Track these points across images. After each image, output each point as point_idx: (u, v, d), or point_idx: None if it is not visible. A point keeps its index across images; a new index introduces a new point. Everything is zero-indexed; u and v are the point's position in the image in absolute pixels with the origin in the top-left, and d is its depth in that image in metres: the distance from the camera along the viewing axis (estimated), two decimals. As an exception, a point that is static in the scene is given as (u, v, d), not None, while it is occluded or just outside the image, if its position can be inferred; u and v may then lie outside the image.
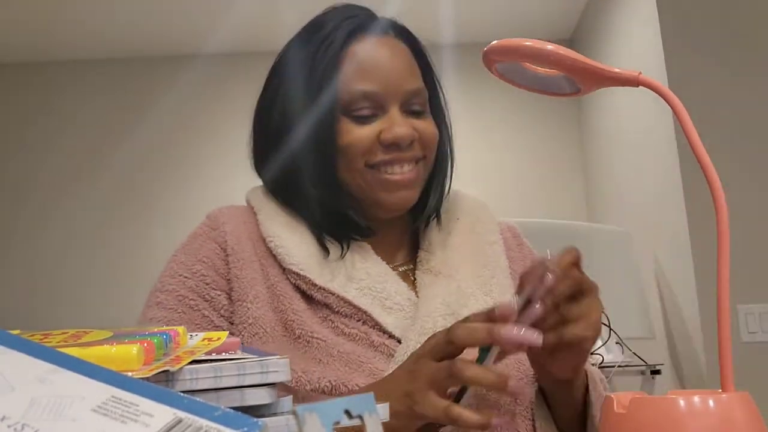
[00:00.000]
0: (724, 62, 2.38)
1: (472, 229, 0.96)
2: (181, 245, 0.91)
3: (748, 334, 2.23)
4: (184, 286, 0.86)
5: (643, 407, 0.57)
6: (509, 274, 0.94)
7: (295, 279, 0.84)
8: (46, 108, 3.86)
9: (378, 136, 0.86)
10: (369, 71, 0.87)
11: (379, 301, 0.84)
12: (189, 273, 0.86)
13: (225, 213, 0.92)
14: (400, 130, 0.86)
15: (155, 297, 0.87)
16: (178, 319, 0.84)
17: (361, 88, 0.86)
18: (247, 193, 0.97)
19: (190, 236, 0.91)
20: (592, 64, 0.69)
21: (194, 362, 0.40)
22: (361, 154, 0.86)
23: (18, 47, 3.75)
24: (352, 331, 0.83)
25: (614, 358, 2.65)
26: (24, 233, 3.71)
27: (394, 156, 0.87)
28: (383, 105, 0.87)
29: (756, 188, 2.29)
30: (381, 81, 0.87)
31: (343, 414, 0.35)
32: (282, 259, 0.85)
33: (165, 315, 0.84)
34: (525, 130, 3.73)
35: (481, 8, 3.48)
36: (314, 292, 0.84)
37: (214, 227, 0.90)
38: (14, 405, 0.32)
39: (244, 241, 0.88)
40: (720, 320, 0.59)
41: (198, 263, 0.87)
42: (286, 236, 0.87)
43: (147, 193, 3.76)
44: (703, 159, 0.62)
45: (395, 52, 0.90)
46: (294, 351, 0.81)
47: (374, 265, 0.87)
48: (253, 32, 3.63)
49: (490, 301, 0.89)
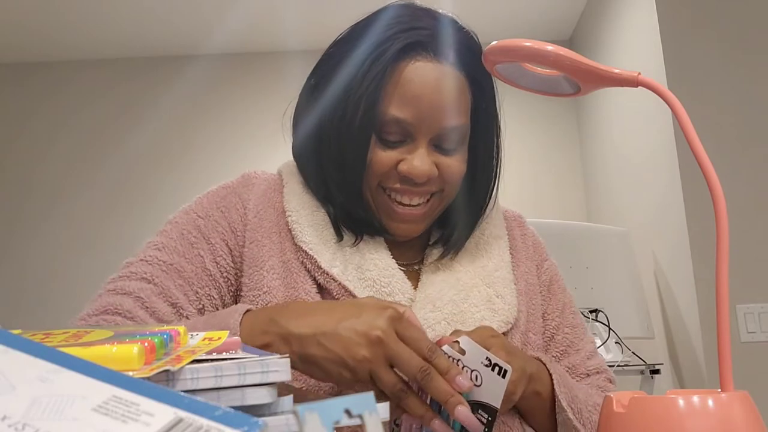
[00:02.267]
0: (723, 62, 2.38)
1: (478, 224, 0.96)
2: (207, 190, 0.92)
3: (748, 333, 2.23)
4: (192, 224, 0.87)
5: (643, 407, 0.57)
6: (512, 269, 0.94)
7: (304, 258, 0.84)
8: (44, 108, 3.86)
9: (396, 164, 0.84)
10: (408, 99, 0.82)
11: (380, 296, 0.84)
12: (203, 214, 0.88)
13: (259, 176, 0.93)
14: (419, 168, 0.83)
15: (163, 226, 0.88)
16: (171, 248, 0.85)
17: (395, 115, 0.82)
18: (281, 165, 0.97)
19: (219, 186, 0.92)
20: (592, 65, 0.69)
21: (195, 362, 0.40)
22: (378, 175, 0.85)
23: (17, 47, 3.75)
24: None
25: (613, 357, 2.65)
26: (24, 233, 3.71)
27: (405, 188, 0.85)
28: (413, 135, 0.84)
29: (755, 188, 2.29)
30: (418, 113, 0.82)
31: (344, 413, 0.35)
32: (295, 235, 0.85)
33: (162, 241, 0.86)
34: (525, 131, 3.73)
35: (481, 8, 3.48)
36: (318, 275, 0.84)
37: (245, 185, 0.91)
38: (15, 404, 0.32)
39: (269, 210, 0.88)
40: (719, 320, 0.59)
41: (216, 210, 0.88)
42: (305, 213, 0.88)
43: (147, 193, 3.76)
44: (702, 159, 0.62)
45: (444, 83, 0.84)
46: None
47: (383, 259, 0.87)
48: (253, 32, 3.63)
49: (492, 292, 0.89)
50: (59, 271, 3.65)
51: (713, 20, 2.43)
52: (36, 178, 3.78)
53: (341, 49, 0.89)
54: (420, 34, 0.84)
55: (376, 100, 0.82)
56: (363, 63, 0.83)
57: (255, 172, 0.95)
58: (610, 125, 3.25)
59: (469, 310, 0.86)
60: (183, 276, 0.83)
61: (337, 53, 0.90)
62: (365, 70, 0.83)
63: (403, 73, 0.83)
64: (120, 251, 4.03)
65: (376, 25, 0.87)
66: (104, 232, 3.69)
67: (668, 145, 2.41)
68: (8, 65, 3.88)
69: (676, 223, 2.37)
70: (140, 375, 0.36)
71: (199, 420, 0.31)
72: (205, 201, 0.90)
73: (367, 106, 0.82)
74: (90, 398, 0.33)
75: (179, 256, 0.84)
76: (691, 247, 2.27)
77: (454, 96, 0.85)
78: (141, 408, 0.32)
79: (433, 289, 0.87)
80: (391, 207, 0.86)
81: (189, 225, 0.87)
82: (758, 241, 2.24)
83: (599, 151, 3.46)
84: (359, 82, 0.83)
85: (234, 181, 0.93)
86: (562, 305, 0.98)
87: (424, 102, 0.82)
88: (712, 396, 0.57)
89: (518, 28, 3.67)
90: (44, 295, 3.60)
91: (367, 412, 0.36)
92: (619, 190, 3.15)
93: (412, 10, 0.88)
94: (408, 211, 0.86)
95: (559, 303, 0.98)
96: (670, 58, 2.42)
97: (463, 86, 0.86)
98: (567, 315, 0.97)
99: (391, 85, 0.82)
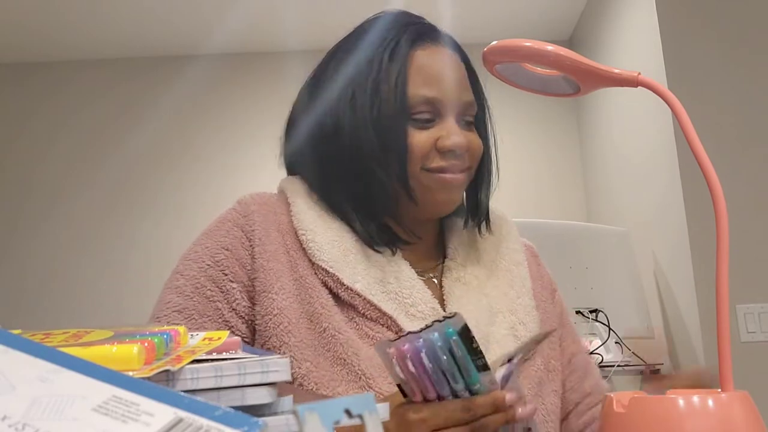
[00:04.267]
0: (723, 62, 2.38)
1: (498, 248, 0.98)
2: (208, 228, 0.91)
3: (747, 333, 2.24)
4: (204, 274, 0.86)
5: (643, 406, 0.57)
6: (533, 296, 0.96)
7: (324, 276, 0.84)
8: (44, 108, 3.86)
9: (435, 143, 0.88)
10: (432, 78, 0.89)
11: (404, 308, 0.84)
12: (211, 261, 0.86)
13: (256, 201, 0.92)
14: (458, 139, 0.88)
15: (175, 279, 0.87)
16: (192, 308, 0.84)
17: (424, 93, 0.88)
18: (281, 182, 0.96)
19: (218, 220, 0.91)
20: (592, 65, 0.69)
21: (195, 362, 0.40)
22: (419, 158, 0.88)
23: (17, 47, 3.75)
24: (377, 335, 0.82)
25: (613, 357, 2.65)
26: (24, 233, 3.71)
27: (450, 163, 0.89)
28: (441, 112, 0.89)
29: (755, 188, 2.29)
30: (442, 89, 0.89)
31: (344, 413, 0.35)
32: (312, 254, 0.85)
33: (181, 302, 0.85)
34: (525, 131, 3.73)
35: (481, 8, 3.48)
36: (341, 292, 0.84)
37: (244, 214, 0.90)
38: (15, 404, 0.32)
39: (273, 233, 0.88)
40: (719, 320, 0.59)
41: (222, 251, 0.87)
42: (319, 231, 0.87)
43: (147, 193, 3.76)
44: (702, 159, 0.62)
45: (453, 64, 0.92)
46: (318, 346, 0.81)
47: (403, 270, 0.88)
48: (253, 32, 3.63)
49: (515, 319, 0.91)
50: (59, 271, 3.64)
51: (713, 20, 2.43)
52: (36, 178, 3.78)
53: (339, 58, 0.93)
54: (422, 28, 0.94)
55: (405, 85, 0.88)
56: (381, 58, 0.89)
57: (251, 196, 0.93)
58: (610, 125, 3.25)
59: (496, 332, 0.88)
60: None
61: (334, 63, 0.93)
62: (387, 62, 0.89)
63: (419, 59, 0.90)
64: (120, 251, 4.01)
65: (375, 30, 0.93)
66: (104, 232, 3.69)
67: (668, 145, 2.41)
68: (8, 65, 3.88)
69: (676, 223, 2.37)
70: (140, 375, 0.36)
71: (199, 420, 0.31)
72: (209, 243, 0.88)
73: (399, 93, 0.87)
74: (90, 398, 0.33)
75: (201, 316, 0.84)
76: (691, 247, 2.26)
77: (463, 74, 0.93)
78: (141, 408, 0.32)
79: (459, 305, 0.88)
80: (440, 177, 0.89)
81: (202, 277, 0.86)
82: (758, 241, 2.24)
83: (599, 151, 3.46)
84: (384, 74, 0.88)
85: (232, 211, 0.91)
86: (573, 334, 1.03)
87: (445, 80, 0.90)
88: (712, 396, 0.57)
89: (518, 28, 3.66)
90: (44, 295, 3.60)
91: (367, 412, 0.36)
92: (619, 190, 3.15)
93: (401, 12, 0.97)
94: (453, 177, 0.89)
95: (570, 331, 1.02)
96: (670, 58, 2.42)
97: (463, 68, 0.94)
98: (578, 342, 1.03)
99: (413, 70, 0.89)
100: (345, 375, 0.79)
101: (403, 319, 0.83)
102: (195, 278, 0.86)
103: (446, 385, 0.64)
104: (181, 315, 0.84)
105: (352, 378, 0.79)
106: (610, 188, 3.29)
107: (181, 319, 0.83)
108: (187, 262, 0.88)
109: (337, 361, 0.80)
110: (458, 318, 0.62)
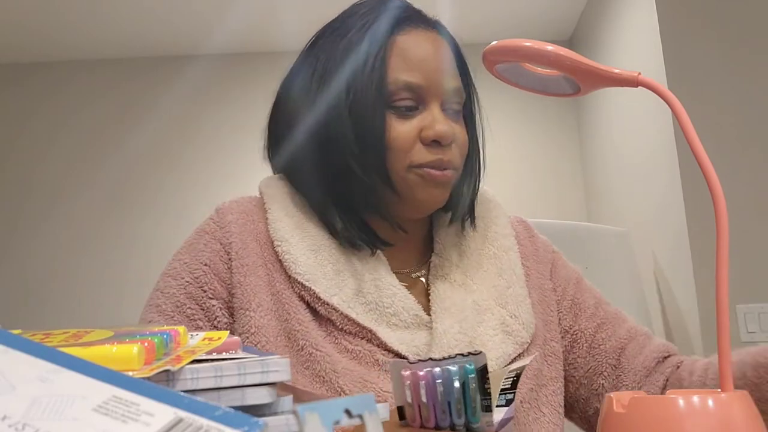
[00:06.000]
0: (723, 62, 2.38)
1: (486, 234, 0.94)
2: (187, 241, 0.88)
3: (747, 333, 2.23)
4: (183, 291, 0.84)
5: (643, 407, 0.57)
6: (525, 282, 0.92)
7: (300, 289, 0.82)
8: (44, 108, 3.86)
9: (419, 134, 0.84)
10: (414, 63, 0.84)
11: (385, 318, 0.82)
12: (191, 277, 0.84)
13: (234, 209, 0.89)
14: (443, 128, 0.83)
15: (156, 297, 0.85)
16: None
17: (406, 78, 0.83)
18: (261, 183, 0.93)
19: (196, 232, 0.89)
20: (592, 65, 0.69)
21: (195, 362, 0.40)
22: (404, 152, 0.83)
23: (17, 47, 3.75)
24: (356, 349, 0.80)
25: (614, 358, 2.65)
26: (24, 233, 3.71)
27: (437, 157, 0.84)
28: (425, 99, 0.84)
29: (755, 188, 2.29)
30: (425, 74, 0.84)
31: (344, 413, 0.35)
32: (288, 267, 0.82)
33: (162, 322, 0.83)
34: (525, 131, 3.73)
35: (481, 8, 3.48)
36: (318, 306, 0.81)
37: (221, 225, 0.87)
38: (15, 404, 0.32)
39: (251, 244, 0.85)
40: (719, 320, 0.59)
41: (201, 267, 0.84)
42: (294, 242, 0.84)
43: (147, 193, 3.76)
44: (702, 159, 0.62)
45: (440, 48, 0.87)
46: (296, 364, 0.79)
47: (383, 277, 0.84)
48: (253, 32, 3.63)
49: (505, 313, 0.87)
50: (59, 271, 3.64)
51: (713, 20, 2.43)
52: (36, 178, 3.78)
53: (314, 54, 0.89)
54: (405, 11, 0.88)
55: (384, 71, 0.83)
56: (359, 42, 0.84)
57: (229, 205, 0.90)
58: (610, 125, 3.25)
59: (483, 333, 0.84)
60: None
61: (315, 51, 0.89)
62: (365, 50, 0.84)
63: (401, 43, 0.85)
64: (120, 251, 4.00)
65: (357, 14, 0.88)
66: (104, 232, 3.69)
67: (668, 145, 2.41)
68: (8, 65, 3.88)
69: (676, 223, 2.37)
70: (140, 375, 0.36)
71: (199, 420, 0.31)
72: (188, 259, 0.85)
73: (377, 78, 0.82)
74: (90, 398, 0.33)
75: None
76: (691, 247, 2.26)
77: (450, 58, 0.88)
78: (141, 408, 0.32)
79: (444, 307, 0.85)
80: (427, 172, 0.84)
81: (182, 295, 0.83)
82: (758, 241, 2.24)
83: (599, 151, 3.46)
84: (362, 62, 0.83)
85: (210, 222, 0.88)
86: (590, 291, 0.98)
87: (429, 64, 0.84)
88: (712, 396, 0.57)
89: (518, 28, 3.66)
90: (44, 295, 3.60)
91: (367, 412, 0.36)
92: (619, 190, 3.15)
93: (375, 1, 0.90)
94: (442, 174, 0.85)
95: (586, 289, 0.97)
96: (670, 58, 2.42)
97: (451, 54, 0.89)
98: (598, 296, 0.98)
99: (394, 55, 0.84)
100: (324, 392, 0.77)
101: (383, 331, 0.81)
102: (175, 296, 0.84)
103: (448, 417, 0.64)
104: None
105: (331, 395, 0.77)
106: (610, 188, 3.29)
107: None
108: (167, 279, 0.86)
109: (316, 379, 0.78)
110: (481, 357, 0.62)
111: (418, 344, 0.82)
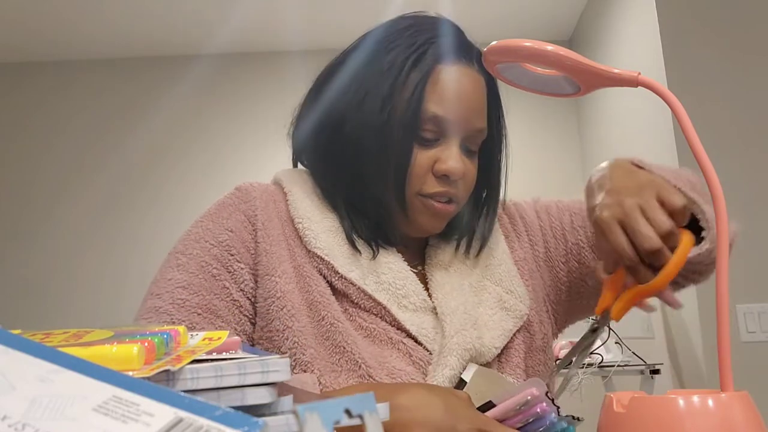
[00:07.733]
0: (723, 62, 2.38)
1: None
2: (207, 212, 0.89)
3: (747, 333, 2.24)
4: (208, 254, 0.84)
5: (643, 407, 0.57)
6: (511, 258, 0.96)
7: (319, 264, 0.84)
8: (44, 108, 3.86)
9: (432, 165, 0.86)
10: (447, 98, 0.85)
11: (396, 299, 0.84)
12: (215, 241, 0.85)
13: (256, 188, 0.91)
14: (455, 165, 0.85)
15: (175, 258, 0.85)
16: (198, 285, 0.82)
17: (435, 112, 0.84)
18: (277, 174, 0.95)
19: (217, 204, 0.90)
20: (592, 65, 0.69)
21: (195, 362, 0.40)
22: (417, 178, 0.86)
23: (17, 47, 3.75)
24: (371, 326, 0.83)
25: (614, 357, 2.65)
26: (24, 233, 3.71)
27: (444, 190, 0.86)
28: (446, 134, 0.86)
29: (755, 188, 2.29)
30: (455, 111, 0.85)
31: (344, 413, 0.35)
32: (308, 242, 0.85)
33: (185, 279, 0.82)
34: (525, 131, 3.73)
35: (481, 8, 3.48)
36: (335, 280, 0.84)
37: (245, 200, 0.89)
38: (15, 404, 0.32)
39: (275, 220, 0.87)
40: (719, 320, 0.59)
41: (225, 232, 0.86)
42: (315, 219, 0.87)
43: (147, 193, 3.76)
44: (702, 159, 0.62)
45: (475, 87, 0.88)
46: (317, 335, 0.81)
47: (395, 261, 0.88)
48: (253, 32, 3.63)
49: (501, 290, 0.91)
50: (59, 271, 3.65)
51: (713, 20, 2.43)
52: (36, 178, 3.78)
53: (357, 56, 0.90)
54: (454, 41, 0.88)
55: (422, 97, 0.84)
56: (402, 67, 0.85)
57: (251, 184, 0.92)
58: (610, 125, 3.25)
59: (483, 314, 0.88)
60: (220, 316, 0.82)
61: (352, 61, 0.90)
62: (407, 73, 0.85)
63: (441, 74, 0.85)
64: (120, 251, 4.01)
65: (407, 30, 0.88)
66: (104, 232, 3.69)
67: (668, 145, 2.41)
68: (8, 65, 3.88)
69: (676, 223, 2.37)
70: (140, 375, 0.36)
71: (199, 420, 0.31)
72: (211, 225, 0.87)
73: (414, 104, 0.84)
74: (90, 398, 0.33)
75: (208, 293, 0.82)
76: (691, 247, 2.26)
77: (481, 99, 0.89)
78: (141, 408, 0.32)
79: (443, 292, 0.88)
80: (430, 203, 0.87)
81: (207, 256, 0.84)
82: (758, 241, 2.24)
83: (599, 151, 3.46)
84: (401, 85, 0.84)
85: (231, 196, 0.90)
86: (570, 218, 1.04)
87: (462, 102, 0.86)
88: (712, 396, 0.57)
89: (518, 28, 3.67)
90: (44, 295, 3.60)
91: (367, 412, 0.36)
92: (619, 190, 3.14)
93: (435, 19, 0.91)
94: (444, 207, 0.87)
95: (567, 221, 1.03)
96: (670, 58, 2.42)
97: (484, 91, 0.90)
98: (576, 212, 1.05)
99: (430, 85, 0.85)
100: (344, 364, 0.79)
101: (395, 310, 0.84)
102: (199, 257, 0.84)
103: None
104: (187, 291, 0.82)
105: (351, 366, 0.79)
106: (610, 188, 3.29)
107: (186, 295, 0.81)
108: (189, 242, 0.86)
109: (336, 350, 0.80)
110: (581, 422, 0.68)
111: (427, 327, 0.85)
